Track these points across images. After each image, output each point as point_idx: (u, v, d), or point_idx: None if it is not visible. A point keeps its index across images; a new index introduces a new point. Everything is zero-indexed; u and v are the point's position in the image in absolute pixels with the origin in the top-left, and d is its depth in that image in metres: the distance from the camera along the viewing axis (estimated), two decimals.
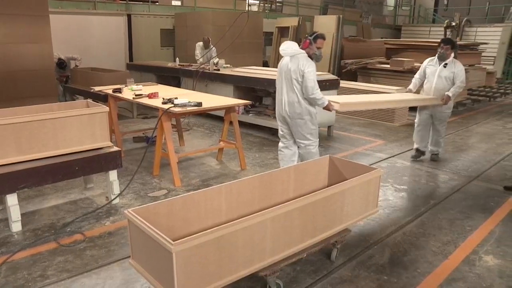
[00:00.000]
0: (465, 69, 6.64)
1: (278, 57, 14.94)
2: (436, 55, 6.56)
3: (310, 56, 5.13)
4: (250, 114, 8.94)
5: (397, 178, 6.07)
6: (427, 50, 14.59)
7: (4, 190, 4.14)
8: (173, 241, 2.53)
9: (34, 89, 7.43)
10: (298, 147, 5.52)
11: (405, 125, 9.60)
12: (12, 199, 4.20)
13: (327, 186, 3.81)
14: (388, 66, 11.76)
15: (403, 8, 27.57)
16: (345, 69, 12.42)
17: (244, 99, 7.18)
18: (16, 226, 4.29)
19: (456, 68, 6.40)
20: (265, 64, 15.07)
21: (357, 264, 3.83)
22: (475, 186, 5.86)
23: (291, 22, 14.32)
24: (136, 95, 6.39)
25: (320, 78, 8.08)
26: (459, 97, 11.83)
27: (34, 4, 7.59)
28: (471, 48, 13.53)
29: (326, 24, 13.49)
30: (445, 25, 17.66)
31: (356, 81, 11.97)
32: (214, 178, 5.89)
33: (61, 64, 10.44)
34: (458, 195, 5.49)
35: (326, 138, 8.34)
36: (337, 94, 8.48)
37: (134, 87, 6.92)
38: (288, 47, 5.15)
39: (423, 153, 6.99)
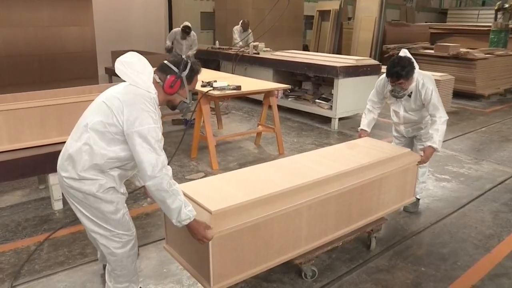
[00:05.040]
0: None
1: (319, 42, 14.78)
2: (389, 92, 4.13)
3: (173, 106, 2.76)
4: (289, 99, 8.87)
5: (439, 167, 5.90)
6: (475, 35, 14.15)
7: (47, 169, 4.25)
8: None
9: (75, 72, 7.59)
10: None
11: (448, 112, 9.27)
12: (54, 178, 4.30)
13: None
14: (433, 51, 11.39)
15: None
16: (387, 54, 12.12)
17: (284, 83, 7.11)
18: (57, 205, 4.41)
19: (425, 95, 3.99)
20: (305, 48, 14.89)
21: (394, 254, 3.75)
22: None
23: (332, 5, 14.05)
24: None
25: (360, 63, 7.94)
26: (507, 84, 11.39)
27: None
28: None
29: (368, 7, 13.15)
30: (496, 8, 16.91)
31: None
32: (251, 162, 5.87)
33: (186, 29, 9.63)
34: (503, 187, 5.28)
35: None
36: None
37: None
38: (131, 66, 2.57)
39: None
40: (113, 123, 2.48)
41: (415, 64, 3.96)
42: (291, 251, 3.03)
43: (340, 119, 7.93)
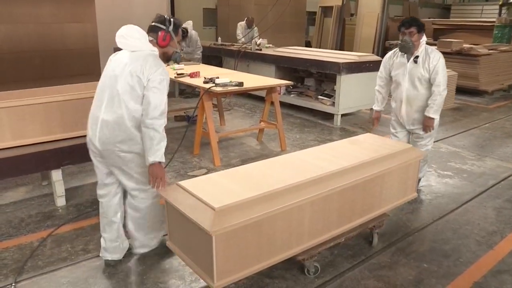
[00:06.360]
0: None
1: (321, 38, 14.75)
2: (398, 43, 4.41)
3: (168, 57, 3.28)
4: (292, 95, 8.86)
5: (441, 163, 5.89)
6: (478, 31, 14.08)
7: (50, 165, 4.26)
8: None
9: (77, 68, 7.58)
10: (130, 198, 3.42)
11: (451, 109, 9.28)
12: (57, 175, 4.32)
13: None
14: (436, 47, 11.34)
15: None
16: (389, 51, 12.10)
17: (286, 80, 7.11)
18: (60, 201, 4.42)
19: (431, 62, 4.23)
20: (308, 45, 14.87)
21: (396, 250, 3.75)
22: None
23: (335, 1, 14.01)
24: (177, 74, 6.43)
25: (363, 59, 7.93)
26: (511, 80, 11.35)
27: None
28: None
29: (371, 3, 13.12)
30: (500, 3, 16.82)
31: None
32: (254, 159, 5.87)
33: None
34: (506, 184, 5.27)
35: (369, 120, 8.17)
36: None
37: (176, 66, 6.95)
38: (132, 36, 3.13)
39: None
40: (137, 82, 2.99)
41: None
42: (294, 247, 3.03)
43: (342, 115, 7.92)
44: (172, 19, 3.19)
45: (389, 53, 4.63)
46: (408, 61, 4.37)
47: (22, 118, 4.14)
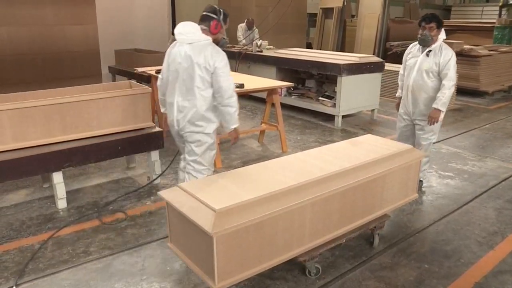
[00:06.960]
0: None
1: (322, 39, 14.75)
2: (418, 36, 4.61)
3: (217, 42, 3.78)
4: (293, 96, 8.87)
5: (442, 164, 5.89)
6: (479, 32, 14.08)
7: (51, 168, 4.27)
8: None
9: (78, 70, 7.63)
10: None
11: (451, 110, 9.27)
12: (57, 177, 4.33)
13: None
14: None
15: None
16: (390, 52, 12.10)
17: (287, 81, 7.11)
18: (61, 203, 4.43)
19: (443, 57, 4.43)
20: (309, 46, 14.87)
21: (397, 251, 3.75)
22: None
23: (336, 2, 14.03)
24: None
25: (364, 60, 7.93)
26: (511, 81, 11.34)
27: None
28: None
29: (372, 4, 13.13)
30: (501, 4, 16.79)
31: (401, 64, 11.62)
32: (255, 160, 5.87)
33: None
34: (507, 184, 5.26)
35: (370, 121, 8.18)
36: (382, 77, 8.30)
37: None
38: (188, 31, 3.67)
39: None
40: (206, 72, 3.58)
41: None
42: (295, 248, 3.03)
43: (343, 116, 7.92)
44: (221, 10, 3.71)
45: (411, 45, 4.88)
46: (421, 53, 4.59)
47: (23, 121, 4.15)
